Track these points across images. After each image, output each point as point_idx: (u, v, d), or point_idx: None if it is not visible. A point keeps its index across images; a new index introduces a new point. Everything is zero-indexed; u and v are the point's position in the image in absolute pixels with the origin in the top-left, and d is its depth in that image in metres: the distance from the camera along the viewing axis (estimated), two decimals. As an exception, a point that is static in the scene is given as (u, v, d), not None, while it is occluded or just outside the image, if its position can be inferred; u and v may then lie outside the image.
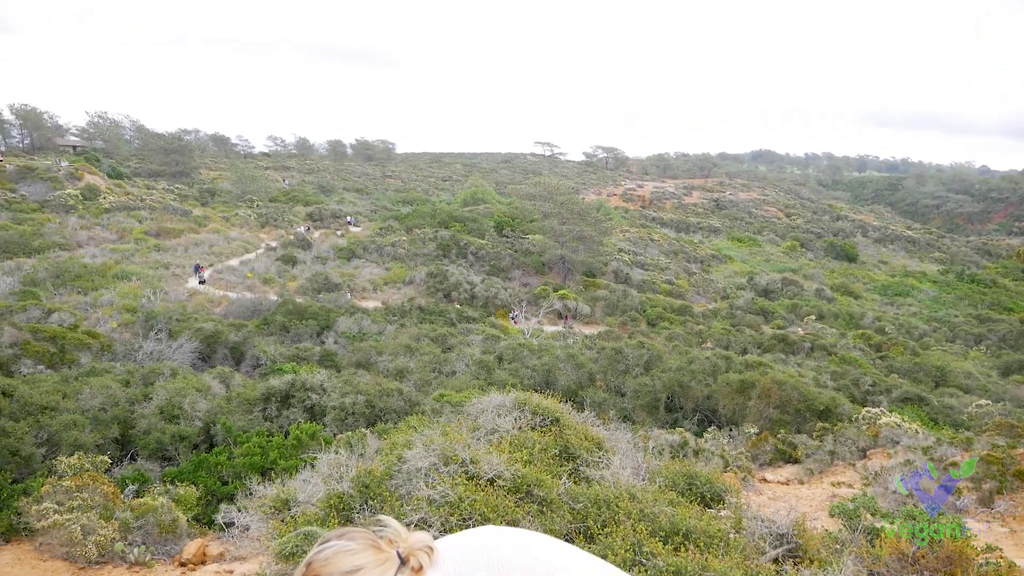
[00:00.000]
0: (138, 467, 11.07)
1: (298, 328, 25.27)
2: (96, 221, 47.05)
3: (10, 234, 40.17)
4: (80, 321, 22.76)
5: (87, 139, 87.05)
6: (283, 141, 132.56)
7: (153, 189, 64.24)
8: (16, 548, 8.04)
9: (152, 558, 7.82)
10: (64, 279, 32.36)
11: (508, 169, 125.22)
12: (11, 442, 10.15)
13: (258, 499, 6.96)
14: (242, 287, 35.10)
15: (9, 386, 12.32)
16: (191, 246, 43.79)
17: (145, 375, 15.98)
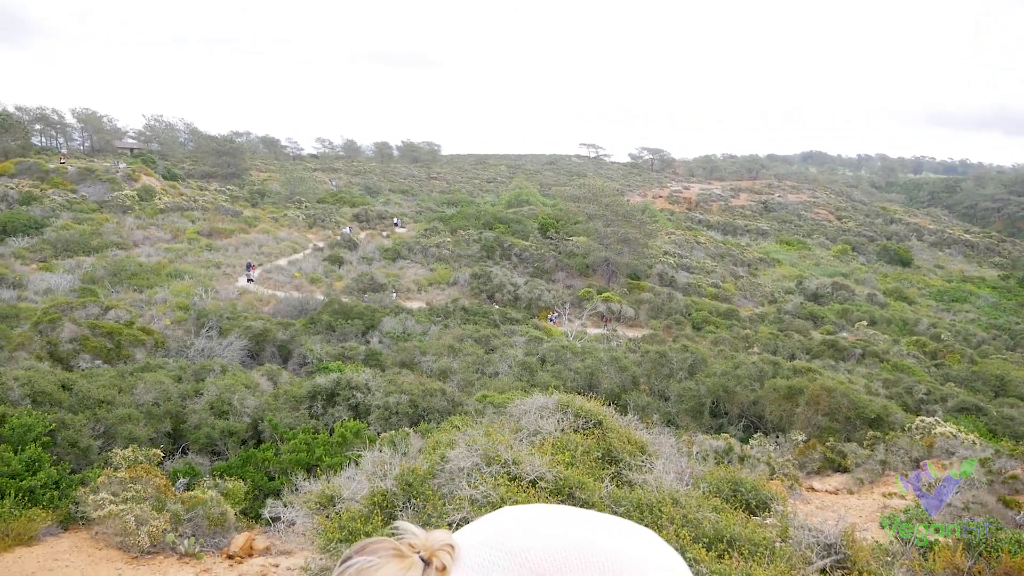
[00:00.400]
0: (189, 461, 11.35)
1: (344, 327, 25.63)
2: (151, 221, 48.51)
3: (71, 233, 41.68)
4: (135, 318, 23.47)
5: (144, 141, 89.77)
6: (331, 143, 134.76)
7: (206, 190, 65.95)
8: (74, 536, 8.32)
9: (201, 550, 8.01)
10: (121, 277, 33.43)
11: (553, 171, 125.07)
12: (70, 434, 10.52)
13: (303, 495, 7.08)
14: (290, 286, 35.77)
15: (68, 380, 12.76)
16: (241, 246, 44.80)
17: (196, 371, 16.38)
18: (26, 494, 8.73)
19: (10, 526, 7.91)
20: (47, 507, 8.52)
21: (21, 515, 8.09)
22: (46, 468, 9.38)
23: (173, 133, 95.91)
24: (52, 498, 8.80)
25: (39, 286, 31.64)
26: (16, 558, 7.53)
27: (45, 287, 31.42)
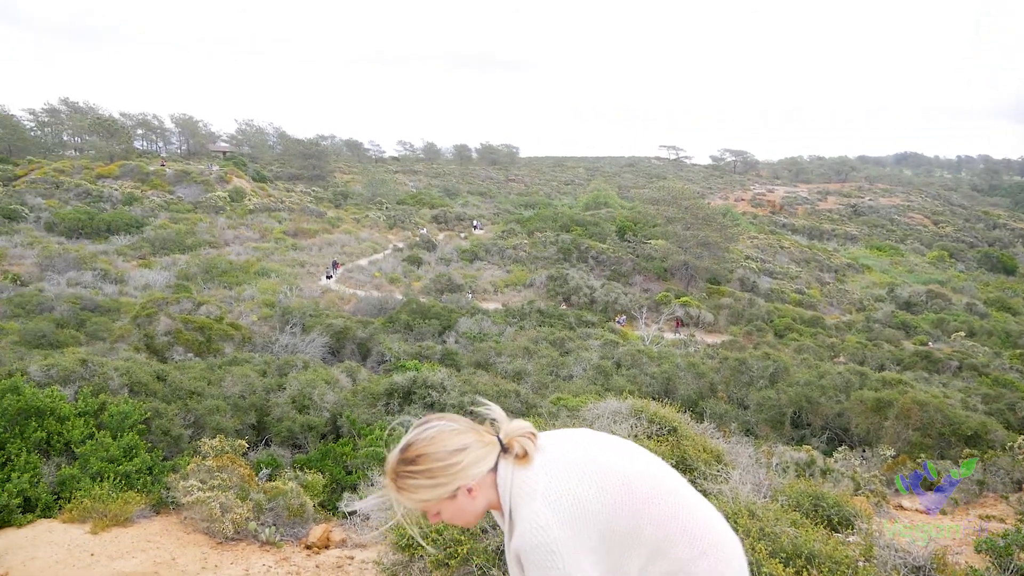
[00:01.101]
0: (271, 452, 11.76)
1: (421, 327, 26.03)
2: (241, 221, 50.62)
3: (168, 233, 43.95)
4: (225, 314, 24.51)
5: (236, 145, 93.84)
6: (412, 146, 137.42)
7: (292, 191, 68.33)
8: (164, 520, 8.75)
9: (281, 539, 8.27)
10: (212, 274, 35.01)
11: (631, 173, 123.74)
12: (163, 423, 11.07)
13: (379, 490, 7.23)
14: (370, 286, 36.64)
15: (163, 371, 13.44)
16: (325, 246, 46.19)
17: (280, 366, 16.95)
18: (123, 478, 9.23)
19: (108, 507, 8.38)
20: (141, 491, 8.99)
21: (118, 498, 8.57)
22: (141, 454, 9.90)
23: (263, 137, 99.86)
24: (146, 483, 9.28)
25: (138, 282, 33.51)
26: (113, 537, 7.97)
27: (144, 283, 33.25)
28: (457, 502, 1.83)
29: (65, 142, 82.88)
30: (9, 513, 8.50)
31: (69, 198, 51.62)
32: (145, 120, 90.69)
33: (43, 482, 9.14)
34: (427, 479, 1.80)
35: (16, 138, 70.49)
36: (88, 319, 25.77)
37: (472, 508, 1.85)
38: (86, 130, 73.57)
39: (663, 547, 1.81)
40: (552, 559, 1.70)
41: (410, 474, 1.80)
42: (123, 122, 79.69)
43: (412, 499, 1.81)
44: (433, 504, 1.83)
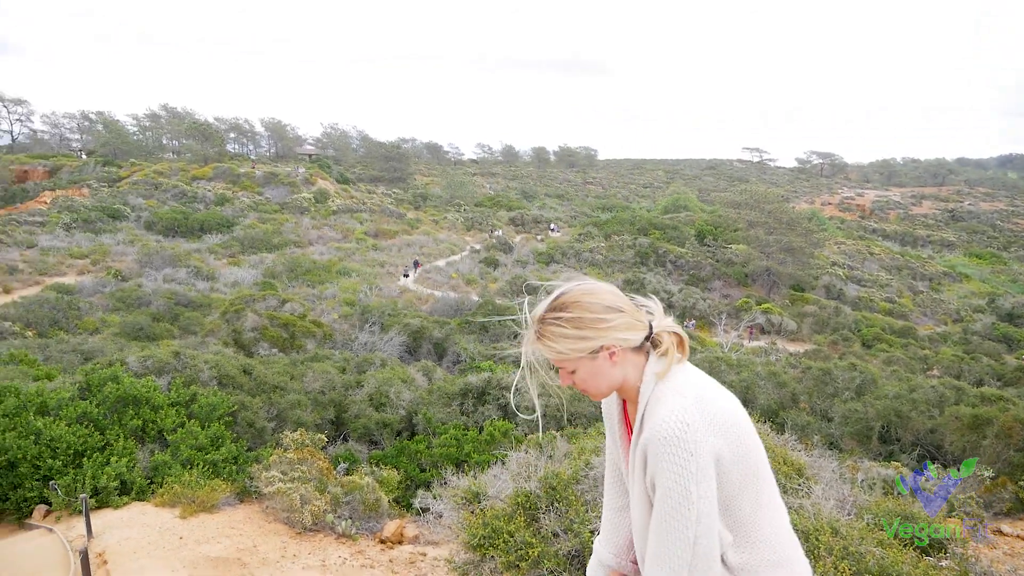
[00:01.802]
0: (349, 448, 12.05)
1: (496, 328, 26.19)
2: (325, 222, 52.20)
3: (256, 232, 45.75)
4: (308, 311, 25.30)
5: (321, 148, 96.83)
6: (490, 149, 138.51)
7: (373, 193, 70.00)
8: (247, 508, 9.08)
9: (356, 532, 8.46)
10: (296, 273, 36.23)
11: (712, 176, 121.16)
12: (248, 415, 11.50)
13: (452, 489, 7.29)
14: (447, 286, 37.13)
15: (249, 365, 13.97)
16: (404, 247, 47.12)
17: (359, 364, 17.35)
18: (210, 466, 9.65)
19: (196, 494, 8.77)
20: (226, 480, 9.37)
21: (205, 485, 8.95)
22: (227, 444, 10.32)
23: (346, 140, 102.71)
24: (231, 472, 9.66)
25: (228, 279, 35.02)
26: (200, 522, 8.33)
27: (233, 280, 34.71)
28: (596, 363, 1.78)
29: (164, 145, 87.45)
30: (108, 494, 9.00)
31: (167, 198, 54.42)
32: (237, 124, 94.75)
33: (138, 467, 9.65)
34: (574, 328, 1.75)
35: (120, 142, 74.86)
36: (182, 314, 27.09)
37: (608, 375, 1.79)
38: (183, 134, 77.45)
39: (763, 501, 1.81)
40: (687, 461, 1.65)
41: (557, 321, 1.76)
42: (217, 126, 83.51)
43: (553, 349, 1.76)
44: (571, 359, 1.77)
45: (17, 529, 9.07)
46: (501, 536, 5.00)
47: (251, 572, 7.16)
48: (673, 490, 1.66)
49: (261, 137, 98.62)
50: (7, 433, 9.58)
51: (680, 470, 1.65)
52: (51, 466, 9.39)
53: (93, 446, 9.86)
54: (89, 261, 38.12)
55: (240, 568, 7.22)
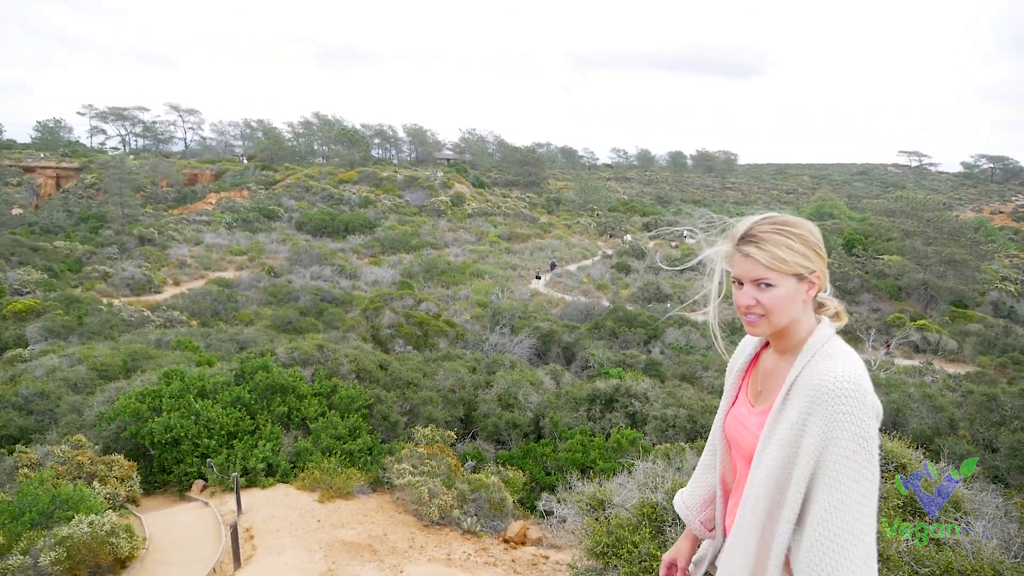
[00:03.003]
0: (476, 446, 12.26)
1: (626, 335, 25.86)
2: (460, 224, 53.67)
3: (396, 233, 47.74)
4: (441, 311, 26.07)
5: (458, 153, 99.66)
6: (625, 153, 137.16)
7: (508, 197, 71.20)
8: (379, 498, 9.45)
9: (481, 529, 8.59)
10: (432, 274, 37.46)
11: (863, 181, 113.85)
12: (383, 408, 11.98)
13: (576, 494, 7.24)
14: (577, 291, 37.10)
15: (385, 361, 14.56)
16: (536, 250, 47.57)
17: (489, 364, 17.65)
18: (347, 455, 10.13)
19: (334, 480, 9.23)
20: (361, 469, 9.81)
21: (342, 473, 9.41)
22: (363, 435, 10.80)
23: (483, 145, 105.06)
24: (366, 462, 10.10)
25: (368, 278, 36.77)
26: (336, 507, 8.76)
27: (373, 279, 36.41)
28: (795, 289, 1.71)
29: (315, 151, 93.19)
30: (256, 475, 9.67)
31: (316, 200, 57.93)
32: (381, 130, 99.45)
33: (283, 451, 10.30)
34: (800, 243, 1.70)
35: (277, 147, 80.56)
36: (326, 309, 28.72)
37: (794, 307, 1.72)
38: (332, 140, 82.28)
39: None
40: (870, 422, 1.55)
41: (783, 231, 1.71)
42: (363, 132, 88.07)
43: (771, 254, 1.69)
44: (781, 272, 1.69)
45: (179, 500, 9.94)
46: (625, 546, 4.90)
47: (381, 559, 7.43)
48: (857, 452, 1.53)
49: (403, 142, 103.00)
50: (172, 413, 10.52)
51: (863, 431, 1.53)
52: (208, 445, 10.21)
53: (244, 429, 10.63)
54: (247, 258, 41.26)
55: (371, 554, 7.52)
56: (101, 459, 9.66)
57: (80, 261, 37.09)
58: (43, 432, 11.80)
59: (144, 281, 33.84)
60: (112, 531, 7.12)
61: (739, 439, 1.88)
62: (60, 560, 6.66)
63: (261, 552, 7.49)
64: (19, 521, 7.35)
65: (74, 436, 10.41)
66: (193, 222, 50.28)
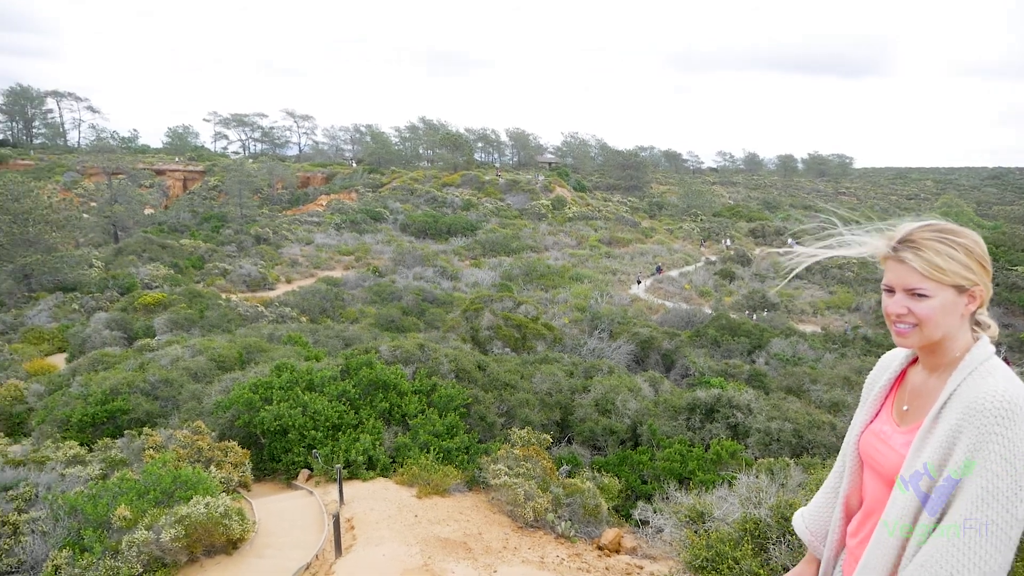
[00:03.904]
0: (572, 450, 12.21)
1: (729, 344, 25.11)
2: (560, 228, 53.68)
3: (497, 236, 48.28)
4: (540, 314, 26.13)
5: (560, 156, 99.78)
6: (732, 156, 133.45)
7: (609, 201, 70.64)
8: (475, 497, 9.55)
9: (575, 535, 8.53)
10: (532, 276, 37.63)
11: (995, 187, 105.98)
12: (480, 408, 12.12)
13: (674, 505, 7.07)
14: (679, 297, 36.34)
15: (483, 362, 14.73)
16: (637, 255, 46.94)
17: (586, 369, 17.54)
18: (444, 453, 10.31)
19: (431, 477, 9.41)
20: (458, 467, 9.95)
21: (439, 470, 9.58)
22: (461, 434, 10.96)
23: (585, 148, 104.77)
24: (463, 461, 10.24)
25: (469, 279, 37.36)
26: (433, 504, 8.92)
27: (473, 280, 36.97)
28: (954, 301, 1.60)
29: (420, 154, 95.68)
30: (357, 467, 10.00)
31: (420, 203, 59.43)
32: (484, 135, 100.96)
33: (383, 446, 10.61)
34: (964, 253, 1.59)
35: (384, 151, 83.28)
36: (427, 309, 29.40)
37: (951, 320, 1.61)
38: (437, 144, 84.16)
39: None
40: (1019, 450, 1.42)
41: (947, 240, 1.60)
42: (467, 136, 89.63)
43: (930, 263, 1.58)
44: (940, 283, 1.59)
45: (286, 488, 10.40)
46: (725, 561, 4.73)
47: (475, 557, 7.51)
48: (1002, 476, 1.41)
49: (505, 146, 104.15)
50: (282, 404, 11.04)
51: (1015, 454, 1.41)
52: (314, 436, 10.65)
53: (348, 422, 11.01)
54: (354, 258, 42.80)
55: (465, 551, 7.61)
56: (218, 445, 10.25)
57: (203, 258, 39.55)
58: (167, 417, 12.66)
59: (259, 278, 35.72)
60: (226, 513, 7.52)
61: (878, 458, 1.76)
62: (179, 537, 7.10)
63: (361, 543, 7.72)
64: (144, 499, 7.90)
65: (194, 422, 11.10)
66: (305, 223, 52.67)
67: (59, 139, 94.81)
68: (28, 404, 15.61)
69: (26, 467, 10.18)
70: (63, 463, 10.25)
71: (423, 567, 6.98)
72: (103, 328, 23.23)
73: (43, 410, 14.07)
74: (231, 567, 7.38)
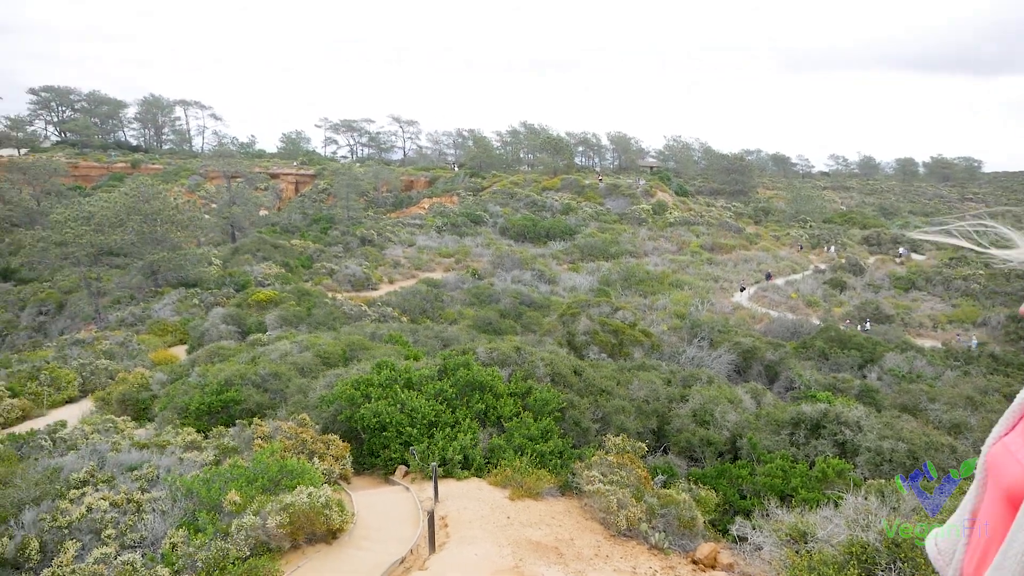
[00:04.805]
0: (668, 460, 11.95)
1: (838, 357, 23.95)
2: (661, 233, 52.77)
3: (595, 241, 47.99)
4: (638, 320, 25.77)
5: (662, 160, 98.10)
6: (845, 160, 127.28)
7: (712, 206, 68.87)
8: (567, 502, 9.51)
9: (669, 547, 8.33)
10: (630, 282, 37.16)
11: None
12: (575, 413, 12.06)
13: (775, 522, 6.79)
14: (784, 307, 34.96)
15: (579, 367, 14.66)
16: (740, 262, 45.51)
17: (685, 378, 17.16)
18: (538, 456, 10.32)
19: (524, 480, 9.43)
20: (551, 472, 9.94)
21: (533, 473, 9.59)
22: (555, 438, 10.95)
23: (688, 152, 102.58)
24: (556, 465, 10.22)
25: (567, 283, 37.30)
26: (525, 506, 8.94)
27: (571, 285, 36.88)
28: None
29: (521, 158, 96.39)
30: (452, 466, 10.16)
31: (519, 207, 59.86)
32: (585, 139, 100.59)
33: (478, 446, 10.74)
34: None
35: (485, 156, 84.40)
36: (524, 312, 29.56)
37: None
38: (538, 148, 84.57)
39: None
40: None
41: None
42: (567, 140, 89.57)
43: None
44: None
45: (383, 482, 10.70)
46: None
47: (566, 562, 7.47)
48: None
49: (606, 150, 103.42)
50: (381, 401, 11.36)
51: None
52: (411, 434, 10.90)
53: (445, 421, 11.21)
54: (453, 260, 43.61)
55: (556, 556, 7.58)
56: (321, 438, 10.66)
57: (311, 258, 41.34)
58: (275, 408, 13.28)
59: (363, 278, 36.97)
60: (327, 504, 7.81)
61: (1003, 471, 1.55)
62: (283, 524, 7.43)
63: (454, 541, 7.82)
64: (253, 485, 8.31)
65: (300, 415, 11.60)
66: (407, 225, 54.11)
67: (185, 144, 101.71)
68: (152, 391, 16.76)
69: (149, 450, 10.94)
70: (181, 448, 10.94)
71: (514, 569, 7.01)
72: (220, 322, 24.68)
73: (165, 397, 15.08)
74: (331, 556, 7.65)
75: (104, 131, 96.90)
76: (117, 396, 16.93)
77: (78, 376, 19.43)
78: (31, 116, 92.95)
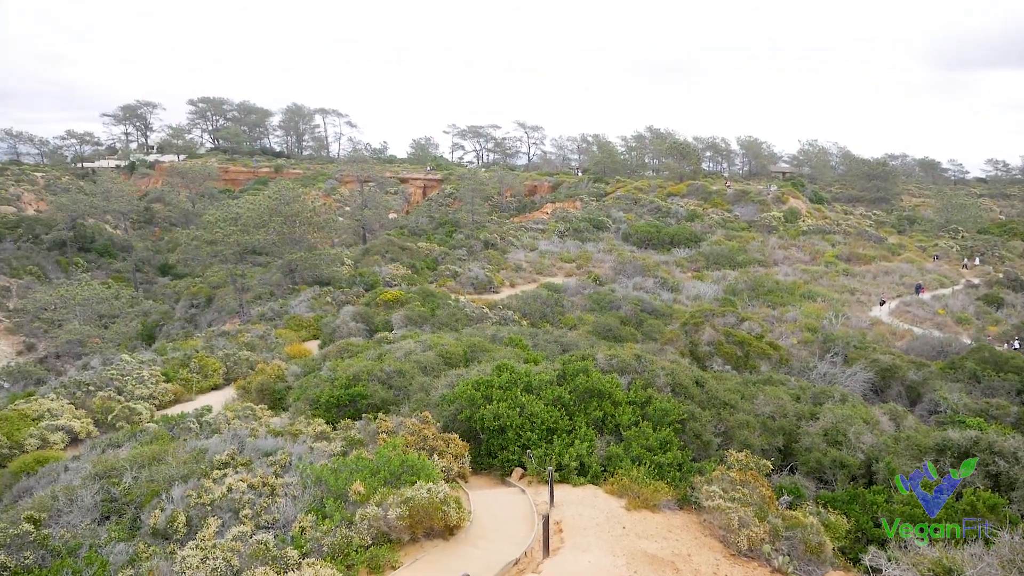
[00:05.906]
0: (795, 481, 11.37)
1: (992, 380, 21.91)
2: (792, 242, 50.36)
3: (722, 248, 46.50)
4: (765, 332, 24.71)
5: (796, 166, 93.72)
6: (1006, 165, 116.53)
7: (850, 214, 65.06)
8: (685, 516, 9.24)
9: (793, 572, 7.92)
10: (758, 292, 35.69)
11: None
12: (696, 426, 11.72)
13: (915, 555, 6.30)
14: (930, 323, 32.45)
15: (702, 378, 14.23)
16: (881, 274, 42.70)
17: (816, 394, 16.30)
18: (656, 467, 10.10)
19: (642, 490, 9.26)
20: (670, 484, 9.69)
21: (650, 484, 9.40)
22: (674, 450, 10.68)
23: (825, 157, 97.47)
24: (675, 477, 9.96)
25: (690, 292, 36.33)
26: (641, 518, 8.77)
27: (695, 293, 35.89)
28: None
29: (646, 164, 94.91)
30: (568, 472, 10.12)
31: (643, 213, 58.95)
32: (713, 143, 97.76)
33: (595, 453, 10.64)
34: None
35: (610, 161, 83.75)
36: (645, 320, 29.04)
37: None
38: (663, 153, 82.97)
39: None
40: None
41: None
42: (695, 145, 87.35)
43: None
44: None
45: (500, 484, 10.82)
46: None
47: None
48: None
49: (736, 155, 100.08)
50: (501, 403, 11.50)
51: None
52: (529, 437, 10.97)
53: (563, 427, 11.20)
54: (575, 265, 43.55)
55: (673, 571, 7.37)
56: (441, 436, 10.93)
57: (436, 260, 42.54)
58: (398, 405, 13.75)
59: (485, 281, 37.62)
60: (445, 500, 7.99)
61: None
62: (403, 517, 7.66)
63: (568, 547, 7.79)
64: (376, 477, 8.63)
65: (422, 412, 11.95)
66: (530, 229, 54.56)
67: (323, 151, 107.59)
68: (287, 383, 17.79)
69: (283, 438, 11.61)
70: (312, 437, 11.54)
71: (628, 581, 6.88)
72: (349, 320, 25.86)
73: (298, 389, 15.96)
74: (447, 551, 7.81)
75: (252, 138, 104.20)
76: (256, 385, 18.12)
77: (223, 365, 20.96)
78: (190, 124, 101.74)
